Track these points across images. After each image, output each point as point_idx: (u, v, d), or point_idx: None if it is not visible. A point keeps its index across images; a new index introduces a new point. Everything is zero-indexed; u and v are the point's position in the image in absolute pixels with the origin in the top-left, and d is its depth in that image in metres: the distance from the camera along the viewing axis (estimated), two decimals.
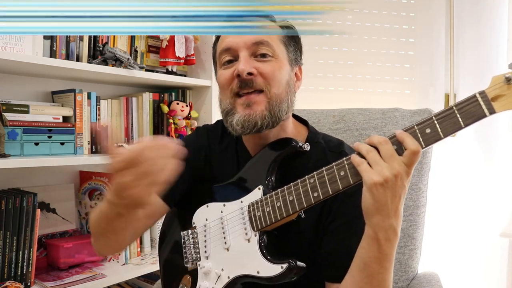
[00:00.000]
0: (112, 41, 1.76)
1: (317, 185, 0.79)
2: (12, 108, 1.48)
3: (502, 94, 0.66)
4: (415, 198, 1.25)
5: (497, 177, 2.08)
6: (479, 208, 2.09)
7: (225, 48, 0.93)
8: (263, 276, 0.84)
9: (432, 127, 0.71)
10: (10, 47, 1.39)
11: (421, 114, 1.27)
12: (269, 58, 0.92)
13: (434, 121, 0.71)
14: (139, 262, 1.68)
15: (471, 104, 0.69)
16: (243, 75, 0.88)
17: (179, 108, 1.89)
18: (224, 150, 1.03)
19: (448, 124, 0.70)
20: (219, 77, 0.96)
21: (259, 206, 0.87)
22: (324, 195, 0.79)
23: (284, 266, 0.82)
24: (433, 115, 0.71)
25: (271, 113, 0.90)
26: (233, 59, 0.93)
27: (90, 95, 1.69)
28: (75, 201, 1.79)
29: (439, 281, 1.20)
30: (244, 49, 0.91)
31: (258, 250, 0.86)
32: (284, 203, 0.83)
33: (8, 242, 1.39)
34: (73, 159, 1.55)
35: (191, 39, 1.93)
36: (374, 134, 1.26)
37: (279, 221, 0.85)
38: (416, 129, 0.72)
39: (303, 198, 0.81)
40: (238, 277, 0.87)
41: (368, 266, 0.78)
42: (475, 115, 0.68)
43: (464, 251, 2.11)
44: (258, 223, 0.87)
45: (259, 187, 0.90)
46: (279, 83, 0.92)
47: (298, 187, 0.82)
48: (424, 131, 0.71)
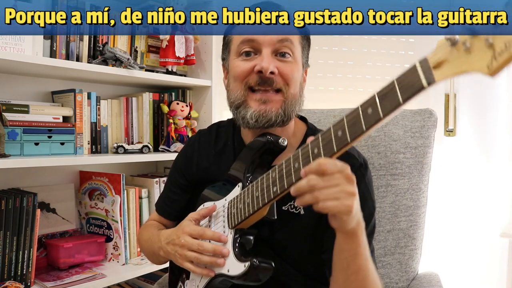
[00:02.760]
0: (112, 41, 1.76)
1: (276, 179, 0.76)
2: (12, 108, 1.48)
3: (445, 59, 0.54)
4: (415, 198, 1.25)
5: (497, 177, 2.08)
6: (479, 208, 2.10)
7: (249, 39, 0.92)
8: (232, 275, 0.83)
9: (374, 106, 0.61)
10: (10, 47, 1.39)
11: (421, 114, 1.27)
12: (289, 58, 0.92)
13: (376, 99, 0.61)
14: (139, 262, 1.68)
15: (410, 74, 0.57)
16: (266, 73, 0.88)
17: (179, 108, 1.89)
18: (221, 149, 1.05)
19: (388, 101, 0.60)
20: (234, 67, 0.94)
21: (235, 202, 0.87)
22: (281, 189, 0.75)
23: (247, 264, 0.80)
24: (375, 92, 0.62)
25: (285, 112, 0.91)
26: (252, 52, 0.92)
27: (90, 95, 1.69)
28: (75, 201, 1.78)
29: (439, 281, 1.20)
30: (268, 46, 0.90)
31: (231, 248, 0.85)
32: (252, 199, 0.82)
33: (8, 242, 1.38)
34: (73, 159, 1.55)
35: (191, 39, 1.92)
36: (375, 134, 1.26)
37: (249, 218, 0.83)
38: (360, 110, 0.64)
39: (265, 193, 0.79)
40: (216, 275, 0.87)
41: (351, 263, 0.78)
42: (413, 87, 0.56)
43: (464, 251, 2.11)
44: (232, 220, 0.87)
45: (238, 184, 0.90)
46: (296, 83, 0.93)
47: (263, 181, 0.80)
48: (366, 113, 0.62)
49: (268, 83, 0.89)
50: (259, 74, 0.89)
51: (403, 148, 1.24)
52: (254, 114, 0.89)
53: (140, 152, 1.74)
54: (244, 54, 0.92)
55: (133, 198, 1.75)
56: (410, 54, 2.22)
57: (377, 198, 1.22)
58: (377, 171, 1.25)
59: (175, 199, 1.10)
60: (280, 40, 0.90)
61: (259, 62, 0.89)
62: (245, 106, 0.91)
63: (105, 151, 1.75)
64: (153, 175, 1.95)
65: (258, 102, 0.90)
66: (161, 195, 1.16)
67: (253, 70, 0.90)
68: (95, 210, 1.73)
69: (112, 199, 1.67)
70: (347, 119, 0.65)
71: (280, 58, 0.91)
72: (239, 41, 0.93)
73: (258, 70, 0.89)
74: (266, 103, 0.90)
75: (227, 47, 0.99)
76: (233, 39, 0.96)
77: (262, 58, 0.89)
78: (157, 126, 1.93)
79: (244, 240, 0.87)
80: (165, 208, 1.12)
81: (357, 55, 2.23)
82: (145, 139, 1.87)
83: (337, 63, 2.24)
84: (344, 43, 2.23)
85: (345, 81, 2.25)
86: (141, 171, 2.03)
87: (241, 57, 0.93)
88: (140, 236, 1.14)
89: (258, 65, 0.89)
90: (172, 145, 1.87)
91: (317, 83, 2.21)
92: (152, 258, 1.10)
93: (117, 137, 1.81)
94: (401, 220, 1.24)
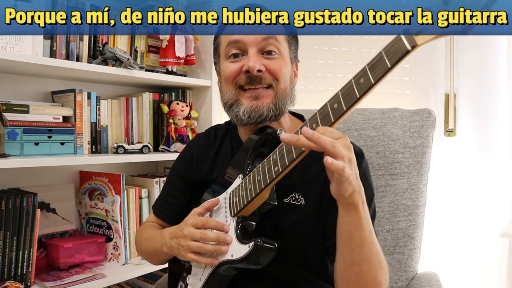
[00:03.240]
0: (112, 41, 1.76)
1: (277, 159, 0.79)
2: (12, 108, 1.48)
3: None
4: (414, 198, 1.25)
5: (497, 177, 2.08)
6: (479, 208, 2.09)
7: (234, 40, 0.95)
8: (236, 259, 0.85)
9: (365, 75, 0.70)
10: (10, 47, 1.39)
11: (420, 114, 1.28)
12: (275, 56, 0.95)
13: (366, 69, 0.70)
14: (139, 262, 1.68)
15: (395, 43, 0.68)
16: (253, 72, 0.92)
17: (179, 108, 1.89)
18: (219, 149, 1.07)
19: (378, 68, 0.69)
20: (224, 69, 0.98)
21: (236, 192, 0.90)
22: (283, 167, 0.78)
23: (251, 245, 0.82)
24: (366, 64, 0.71)
25: (276, 106, 0.94)
26: (239, 53, 0.95)
27: (90, 95, 1.69)
28: (75, 201, 1.79)
29: (438, 281, 1.20)
30: (253, 45, 0.94)
31: (234, 234, 0.87)
32: (253, 184, 0.85)
33: (8, 242, 1.39)
34: (73, 159, 1.55)
35: (191, 39, 1.93)
36: (374, 134, 1.27)
37: (251, 203, 0.85)
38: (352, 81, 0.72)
39: (267, 174, 0.81)
40: (220, 263, 0.88)
41: (354, 236, 0.79)
42: (399, 52, 0.66)
43: (464, 251, 2.11)
44: (234, 208, 0.89)
45: (239, 176, 0.93)
46: (285, 78, 0.96)
47: (264, 165, 0.83)
48: (359, 82, 0.71)
49: (257, 81, 0.93)
50: (247, 73, 0.93)
51: (402, 148, 1.25)
52: (247, 110, 0.93)
53: (140, 152, 1.74)
54: (232, 56, 0.96)
55: (133, 198, 1.75)
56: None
57: (376, 198, 1.22)
58: (376, 171, 1.25)
59: (173, 202, 1.11)
60: (264, 38, 0.94)
61: (246, 62, 0.93)
62: (238, 104, 0.95)
63: (105, 151, 1.75)
64: (153, 175, 1.95)
65: (249, 99, 0.94)
66: (158, 198, 1.17)
67: (241, 70, 0.94)
68: (95, 210, 1.73)
69: (112, 199, 1.67)
70: (341, 92, 0.72)
71: (266, 56, 0.94)
72: (226, 44, 0.97)
73: (245, 70, 0.93)
74: (258, 99, 0.93)
75: (216, 51, 1.03)
76: (221, 43, 1.00)
77: (249, 58, 0.93)
78: (157, 126, 1.94)
79: (246, 225, 0.88)
80: (163, 210, 1.14)
81: (357, 55, 2.23)
82: (145, 139, 1.87)
83: (337, 63, 2.24)
84: (344, 43, 2.23)
85: (345, 81, 2.24)
86: (141, 171, 2.03)
87: (229, 59, 0.97)
88: (139, 236, 1.14)
89: (245, 65, 0.92)
90: (172, 145, 1.87)
91: (317, 83, 2.21)
92: (151, 257, 1.10)
93: (117, 137, 1.81)
94: (400, 220, 1.24)
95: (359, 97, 0.69)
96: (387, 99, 2.21)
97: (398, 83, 2.23)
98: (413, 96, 2.21)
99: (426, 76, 2.19)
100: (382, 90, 2.23)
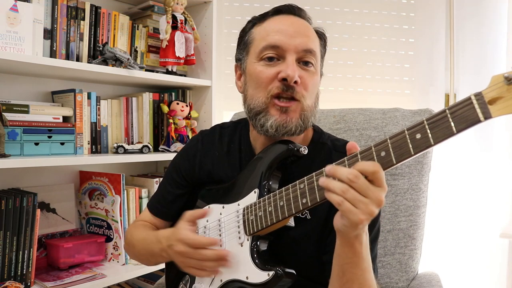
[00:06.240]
0: (112, 41, 1.76)
1: (306, 191, 0.76)
2: (12, 108, 1.48)
3: (501, 96, 0.57)
4: (415, 198, 1.25)
5: (497, 177, 2.08)
6: (479, 209, 2.10)
7: (273, 45, 0.88)
8: (251, 283, 0.83)
9: (423, 132, 0.64)
10: (10, 47, 1.39)
11: (421, 114, 1.27)
12: (311, 68, 0.90)
13: (425, 126, 0.64)
14: (139, 262, 1.68)
15: (464, 107, 0.60)
16: (290, 82, 0.86)
17: (179, 108, 1.89)
18: (226, 152, 1.03)
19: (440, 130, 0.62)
20: (256, 72, 0.90)
21: (253, 209, 0.86)
22: (312, 202, 0.75)
23: (271, 273, 0.81)
24: (424, 119, 0.64)
25: (303, 123, 0.89)
26: (276, 57, 0.89)
27: (90, 95, 1.69)
28: (75, 201, 1.79)
29: (439, 281, 1.20)
30: (293, 53, 0.88)
31: (249, 255, 0.85)
32: (275, 208, 0.81)
33: (8, 242, 1.38)
34: (73, 159, 1.55)
35: (191, 39, 1.92)
36: (375, 134, 1.26)
37: (270, 227, 0.83)
38: (406, 134, 0.65)
39: (292, 204, 0.78)
40: (230, 281, 0.87)
41: (347, 272, 0.77)
42: (469, 119, 0.60)
43: (464, 252, 2.12)
44: (251, 227, 0.85)
45: (255, 191, 0.89)
46: (313, 95, 0.92)
47: (289, 192, 0.79)
48: (414, 137, 0.65)
49: (289, 91, 0.87)
50: (283, 81, 0.86)
51: None
52: (275, 124, 0.87)
53: (140, 152, 1.74)
54: (267, 59, 0.89)
55: (133, 198, 1.75)
56: (410, 54, 2.22)
57: None
58: None
59: (172, 200, 1.07)
60: (306, 49, 0.89)
61: (283, 69, 0.86)
62: (266, 113, 0.89)
63: (105, 151, 1.75)
64: (153, 175, 1.95)
65: (279, 112, 0.88)
66: (154, 196, 1.13)
67: (276, 77, 0.87)
68: (95, 210, 1.73)
69: (112, 199, 1.67)
70: (391, 141, 0.67)
71: (303, 66, 0.89)
72: (263, 45, 0.90)
73: (282, 78, 0.86)
74: (287, 113, 0.88)
75: (246, 46, 0.96)
76: (254, 41, 0.93)
77: (287, 65, 0.87)
78: (157, 126, 1.94)
79: (261, 244, 0.86)
80: (160, 208, 1.09)
81: (357, 55, 2.23)
82: (145, 139, 1.87)
83: (337, 63, 2.24)
84: (344, 43, 2.23)
85: (345, 81, 2.25)
86: (141, 171, 2.03)
87: (263, 61, 0.90)
88: (130, 236, 1.08)
89: (283, 72, 0.86)
90: (172, 145, 1.87)
91: None
92: (147, 259, 1.05)
93: (117, 137, 1.81)
94: (401, 220, 1.24)
95: (413, 154, 0.65)
96: (387, 99, 2.22)
97: (398, 83, 2.23)
98: (413, 96, 2.21)
99: (426, 76, 2.19)
100: (382, 90, 2.23)
